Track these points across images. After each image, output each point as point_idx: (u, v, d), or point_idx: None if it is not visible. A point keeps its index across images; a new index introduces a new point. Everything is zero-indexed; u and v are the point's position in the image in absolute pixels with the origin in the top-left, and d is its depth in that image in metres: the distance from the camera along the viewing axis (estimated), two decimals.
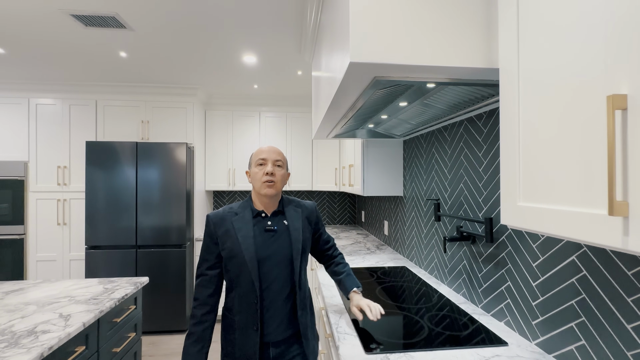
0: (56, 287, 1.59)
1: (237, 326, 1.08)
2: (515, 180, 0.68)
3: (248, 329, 1.07)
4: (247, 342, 1.06)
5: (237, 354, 1.07)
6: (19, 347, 1.02)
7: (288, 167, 1.23)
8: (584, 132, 0.52)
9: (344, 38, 0.83)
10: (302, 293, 1.15)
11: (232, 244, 1.08)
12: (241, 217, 1.12)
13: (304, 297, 1.16)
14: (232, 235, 1.08)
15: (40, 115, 2.89)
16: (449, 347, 1.00)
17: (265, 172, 1.09)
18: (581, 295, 0.86)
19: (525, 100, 0.66)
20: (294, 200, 1.23)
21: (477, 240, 1.33)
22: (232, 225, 1.10)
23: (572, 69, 0.55)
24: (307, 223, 1.20)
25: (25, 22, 1.80)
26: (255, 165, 1.12)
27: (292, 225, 1.14)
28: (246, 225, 1.10)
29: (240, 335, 1.07)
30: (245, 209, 1.14)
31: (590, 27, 0.51)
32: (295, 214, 1.18)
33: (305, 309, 1.16)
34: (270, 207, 1.15)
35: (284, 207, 1.18)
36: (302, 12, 1.71)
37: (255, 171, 1.12)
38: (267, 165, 1.10)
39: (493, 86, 0.98)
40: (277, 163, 1.13)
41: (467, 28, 0.80)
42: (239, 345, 1.07)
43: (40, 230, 2.89)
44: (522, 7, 0.67)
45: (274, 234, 1.11)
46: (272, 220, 1.14)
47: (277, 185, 1.11)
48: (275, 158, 1.12)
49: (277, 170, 1.11)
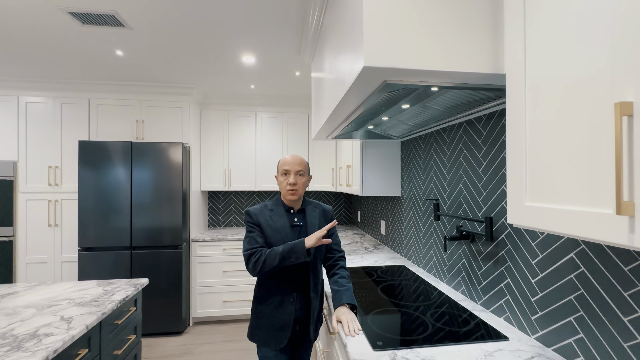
0: (53, 290, 1.56)
1: (276, 300, 1.31)
2: (521, 181, 0.72)
3: (285, 302, 1.31)
4: (284, 313, 1.30)
5: (272, 323, 1.30)
6: (23, 350, 1.00)
7: (310, 171, 1.47)
8: (591, 137, 0.55)
9: (356, 42, 0.85)
10: (315, 279, 1.37)
11: (272, 232, 1.33)
12: (276, 212, 1.38)
13: (317, 283, 1.38)
14: (273, 226, 1.33)
15: (31, 114, 2.82)
16: (453, 343, 1.03)
17: (289, 182, 1.33)
18: (579, 291, 0.90)
19: (532, 105, 0.69)
20: (313, 202, 1.48)
21: (476, 239, 1.37)
22: (270, 217, 1.35)
23: (579, 76, 0.58)
24: (323, 221, 1.44)
25: (19, 19, 1.75)
26: (281, 174, 1.37)
27: (310, 221, 1.39)
28: (281, 218, 1.37)
29: (277, 308, 1.31)
30: (277, 206, 1.40)
31: (596, 37, 0.55)
32: (314, 212, 1.43)
33: (317, 294, 1.37)
34: (295, 205, 1.41)
35: (305, 206, 1.43)
36: (303, 13, 1.73)
37: (280, 180, 1.38)
38: (290, 177, 1.34)
39: (496, 90, 1.01)
40: (299, 172, 1.36)
41: (475, 35, 0.84)
42: (276, 317, 1.30)
43: (30, 232, 2.81)
44: (528, 17, 0.71)
45: (299, 229, 1.38)
46: (297, 216, 1.39)
47: (298, 192, 1.36)
48: (297, 169, 1.36)
49: (298, 179, 1.36)
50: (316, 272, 1.38)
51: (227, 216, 3.68)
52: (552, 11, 0.64)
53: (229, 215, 3.68)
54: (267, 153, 3.41)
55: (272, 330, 1.31)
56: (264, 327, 1.32)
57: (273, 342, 1.30)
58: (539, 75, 0.67)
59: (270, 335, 1.31)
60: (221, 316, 3.10)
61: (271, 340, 1.30)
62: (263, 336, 1.32)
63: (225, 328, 2.95)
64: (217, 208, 3.66)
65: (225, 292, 3.03)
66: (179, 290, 2.80)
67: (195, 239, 3.01)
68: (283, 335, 1.30)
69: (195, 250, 3.01)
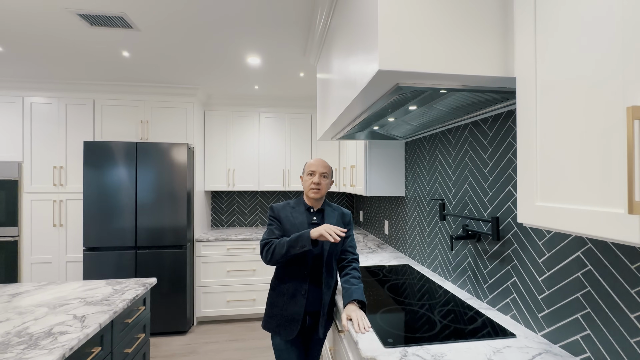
0: (63, 289, 1.57)
1: (288, 291, 1.38)
2: (533, 182, 0.74)
3: (297, 295, 1.37)
4: (295, 305, 1.36)
5: (284, 314, 1.36)
6: (40, 348, 1.02)
7: (332, 176, 1.57)
8: (603, 139, 0.58)
9: (370, 45, 0.87)
10: (328, 276, 1.42)
11: (291, 227, 1.40)
12: (297, 210, 1.47)
13: (330, 281, 1.43)
14: (292, 222, 1.42)
15: (35, 114, 2.83)
16: (461, 340, 1.05)
17: (313, 181, 1.44)
18: (586, 289, 0.92)
19: (543, 108, 0.71)
20: (333, 205, 1.56)
21: (482, 238, 1.40)
22: (290, 214, 1.44)
23: (590, 80, 0.60)
24: (341, 222, 1.51)
25: (27, 20, 1.77)
26: (307, 174, 1.47)
27: (328, 221, 1.45)
28: (301, 215, 1.45)
29: (290, 299, 1.37)
30: (299, 204, 1.50)
31: (606, 41, 0.57)
32: (332, 213, 1.50)
33: (329, 289, 1.42)
34: (316, 205, 1.50)
35: (325, 207, 1.51)
36: (311, 15, 1.75)
37: (305, 179, 1.48)
38: (315, 177, 1.44)
39: (504, 93, 1.04)
40: (324, 174, 1.46)
41: (486, 39, 0.86)
42: (288, 308, 1.36)
43: (35, 232, 2.82)
44: (539, 23, 0.73)
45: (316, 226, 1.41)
46: (316, 215, 1.47)
47: (321, 191, 1.45)
48: (322, 171, 1.46)
49: (322, 180, 1.45)
50: (330, 270, 1.43)
51: (230, 216, 3.70)
52: (563, 17, 0.66)
53: (232, 215, 3.70)
54: (270, 153, 3.43)
55: (283, 320, 1.37)
56: (277, 316, 1.39)
57: (284, 332, 1.36)
58: (549, 79, 0.70)
59: (281, 324, 1.37)
60: (225, 316, 3.11)
61: (282, 330, 1.36)
62: (275, 325, 1.38)
63: (230, 327, 2.97)
64: (220, 208, 3.68)
65: (230, 292, 3.05)
66: (183, 290, 2.81)
67: (199, 238, 3.02)
68: (293, 326, 1.35)
69: (200, 250, 3.03)
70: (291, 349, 1.38)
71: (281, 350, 1.39)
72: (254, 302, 3.08)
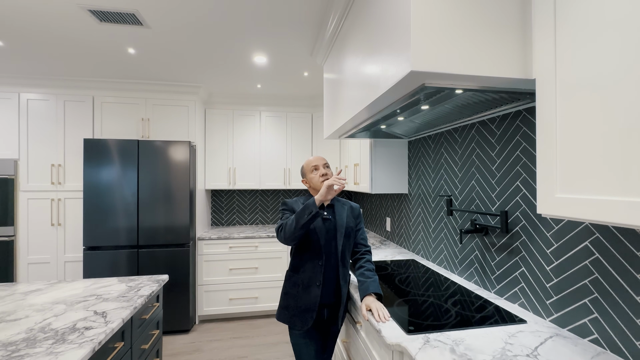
0: (76, 287, 1.56)
1: (303, 282, 1.41)
2: (552, 175, 0.80)
3: (312, 285, 1.39)
4: (310, 296, 1.39)
5: (299, 305, 1.39)
6: (68, 342, 1.03)
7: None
8: (624, 135, 0.64)
9: (400, 47, 0.92)
10: (344, 269, 1.46)
11: None
12: None
13: (346, 274, 1.48)
14: None
15: (32, 111, 2.76)
16: (477, 326, 1.12)
17: (321, 174, 1.50)
18: (594, 275, 1.00)
19: (563, 107, 0.78)
20: (342, 199, 1.58)
21: (489, 231, 1.47)
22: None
23: (612, 79, 0.67)
24: (351, 216, 1.54)
25: (34, 15, 1.74)
26: (311, 172, 1.53)
27: (339, 215, 1.49)
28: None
29: (304, 290, 1.40)
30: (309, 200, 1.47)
31: (628, 42, 0.63)
32: (342, 207, 1.53)
33: (346, 282, 1.47)
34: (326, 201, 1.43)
35: (334, 202, 1.54)
36: (322, 17, 1.79)
37: (311, 176, 1.52)
38: (321, 169, 1.51)
39: (515, 93, 1.10)
40: (326, 165, 1.54)
41: (507, 41, 0.92)
42: (302, 299, 1.39)
43: (32, 232, 2.76)
44: (559, 28, 0.79)
45: (328, 221, 1.47)
46: (327, 210, 1.49)
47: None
48: (323, 162, 1.53)
49: (327, 170, 1.52)
50: (345, 263, 1.47)
51: (230, 215, 3.70)
52: (583, 19, 0.73)
53: (232, 214, 3.70)
54: (271, 152, 3.45)
55: (297, 311, 1.39)
56: (291, 307, 1.42)
57: (298, 322, 1.39)
58: (570, 79, 0.76)
59: (295, 315, 1.39)
60: (228, 314, 3.12)
61: (296, 320, 1.39)
62: (289, 316, 1.41)
63: (233, 325, 2.98)
64: (220, 207, 3.67)
65: (232, 290, 3.06)
66: (186, 289, 2.80)
67: (201, 237, 3.02)
68: (307, 317, 1.38)
69: (202, 248, 3.02)
70: (310, 343, 1.41)
71: (299, 345, 1.41)
72: (256, 300, 3.10)
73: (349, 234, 1.49)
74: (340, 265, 1.44)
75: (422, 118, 1.64)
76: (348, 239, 1.49)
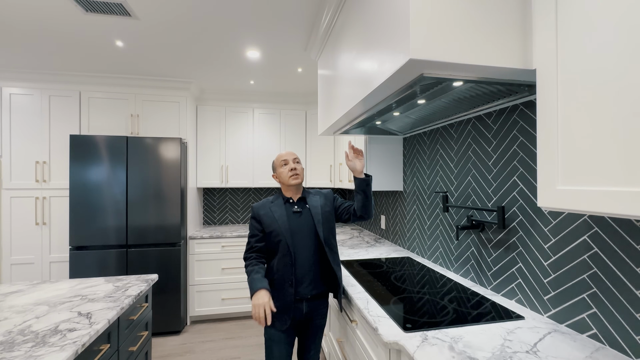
0: (60, 287, 1.50)
1: (276, 283, 1.40)
2: (553, 167, 0.78)
3: (284, 285, 1.38)
4: (284, 295, 1.38)
5: (276, 305, 1.37)
6: (49, 345, 0.97)
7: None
8: (628, 126, 0.62)
9: (398, 36, 0.89)
10: (333, 254, 1.45)
11: (272, 221, 1.42)
12: (276, 203, 1.48)
13: (336, 256, 1.47)
14: (271, 216, 1.44)
15: (15, 106, 2.66)
16: (475, 323, 1.10)
17: (290, 168, 1.47)
18: (592, 270, 0.99)
19: (565, 99, 0.76)
20: (311, 191, 1.57)
21: (486, 227, 1.46)
22: (270, 209, 1.46)
23: (616, 69, 0.65)
24: (325, 202, 1.53)
25: (15, 4, 1.66)
26: (280, 166, 1.50)
27: (312, 206, 1.48)
28: (280, 208, 1.46)
29: (279, 290, 1.39)
30: (277, 198, 1.51)
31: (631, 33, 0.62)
32: (314, 198, 1.52)
33: (338, 267, 1.45)
34: (295, 195, 1.51)
35: (306, 195, 1.52)
36: (316, 11, 1.75)
37: (280, 171, 1.49)
38: (290, 163, 1.48)
39: (512, 85, 1.08)
40: (296, 160, 1.51)
41: (506, 30, 0.90)
42: (278, 299, 1.38)
43: (16, 231, 2.66)
44: (560, 18, 0.78)
45: (300, 214, 1.46)
46: (297, 204, 1.49)
47: (300, 176, 1.49)
48: (293, 157, 1.51)
49: (297, 165, 1.49)
50: (332, 247, 1.46)
51: (223, 213, 3.63)
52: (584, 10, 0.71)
53: (224, 213, 3.64)
54: (265, 149, 3.40)
55: (275, 312, 1.37)
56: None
57: (277, 323, 1.39)
58: (573, 68, 0.74)
59: (274, 316, 1.38)
60: (220, 314, 3.06)
61: (275, 321, 1.39)
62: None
63: (225, 326, 2.92)
64: (212, 205, 3.61)
65: (225, 290, 3.00)
66: (177, 289, 2.74)
67: (193, 236, 2.95)
68: (285, 317, 1.38)
69: (193, 247, 2.96)
70: (283, 341, 1.40)
71: (272, 341, 1.40)
72: (249, 300, 3.04)
73: (328, 218, 1.48)
74: (329, 252, 1.42)
75: (418, 113, 1.62)
76: (329, 223, 1.49)
